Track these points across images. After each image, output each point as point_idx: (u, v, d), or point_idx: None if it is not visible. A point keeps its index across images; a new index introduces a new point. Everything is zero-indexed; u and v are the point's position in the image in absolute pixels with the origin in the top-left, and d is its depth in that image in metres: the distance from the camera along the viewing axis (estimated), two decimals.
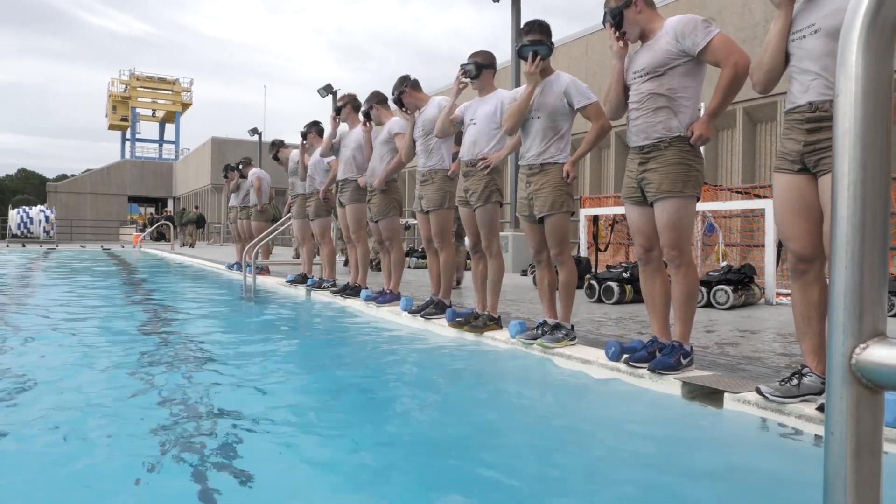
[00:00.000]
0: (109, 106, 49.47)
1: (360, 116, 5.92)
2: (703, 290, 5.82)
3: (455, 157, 4.82)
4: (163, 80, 50.31)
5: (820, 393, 2.44)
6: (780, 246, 5.91)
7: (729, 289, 5.72)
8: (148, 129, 52.04)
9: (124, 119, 49.35)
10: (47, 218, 26.94)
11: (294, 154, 7.65)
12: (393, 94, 5.11)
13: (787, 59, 2.54)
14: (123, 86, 49.42)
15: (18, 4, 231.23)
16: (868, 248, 0.62)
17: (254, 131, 24.70)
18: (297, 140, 7.21)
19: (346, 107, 6.19)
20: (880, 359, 0.60)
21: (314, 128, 7.13)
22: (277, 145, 8.67)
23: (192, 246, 23.08)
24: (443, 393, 3.13)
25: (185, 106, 50.95)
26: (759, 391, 2.52)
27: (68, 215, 34.12)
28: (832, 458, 0.63)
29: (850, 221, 0.62)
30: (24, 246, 22.42)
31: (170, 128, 51.57)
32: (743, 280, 5.95)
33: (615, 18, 3.09)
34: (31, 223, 26.69)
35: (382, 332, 4.81)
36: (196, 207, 28.96)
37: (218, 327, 5.19)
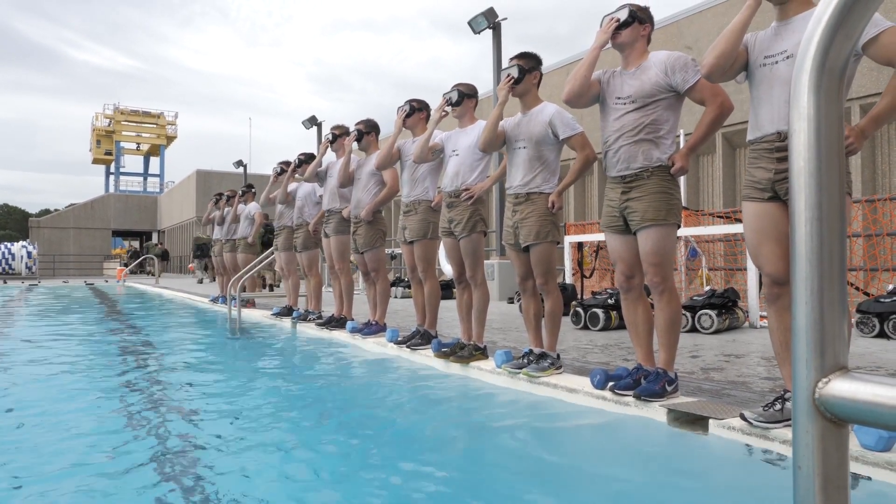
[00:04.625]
0: (93, 140, 49.41)
1: (350, 138, 5.77)
2: (688, 314, 5.85)
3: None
4: (147, 114, 50.38)
5: None
6: None
7: (713, 313, 5.76)
8: (132, 162, 52.07)
9: (108, 153, 49.29)
10: (29, 254, 26.57)
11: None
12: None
13: (745, 59, 2.60)
14: (108, 120, 49.44)
15: (3, 40, 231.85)
16: (827, 284, 0.63)
17: (239, 163, 24.69)
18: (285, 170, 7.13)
19: (341, 137, 6.14)
20: (842, 392, 0.61)
21: (311, 158, 6.98)
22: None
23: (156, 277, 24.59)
24: (430, 424, 3.10)
25: (170, 139, 50.96)
26: (743, 417, 2.53)
27: (51, 250, 33.77)
28: (800, 493, 0.63)
29: (809, 259, 0.64)
30: (4, 282, 22.09)
31: (154, 161, 51.51)
32: (727, 304, 5.98)
33: (631, 17, 3.07)
34: (13, 259, 26.30)
35: (368, 363, 4.78)
36: (161, 244, 32.25)
37: (202, 362, 5.12)
